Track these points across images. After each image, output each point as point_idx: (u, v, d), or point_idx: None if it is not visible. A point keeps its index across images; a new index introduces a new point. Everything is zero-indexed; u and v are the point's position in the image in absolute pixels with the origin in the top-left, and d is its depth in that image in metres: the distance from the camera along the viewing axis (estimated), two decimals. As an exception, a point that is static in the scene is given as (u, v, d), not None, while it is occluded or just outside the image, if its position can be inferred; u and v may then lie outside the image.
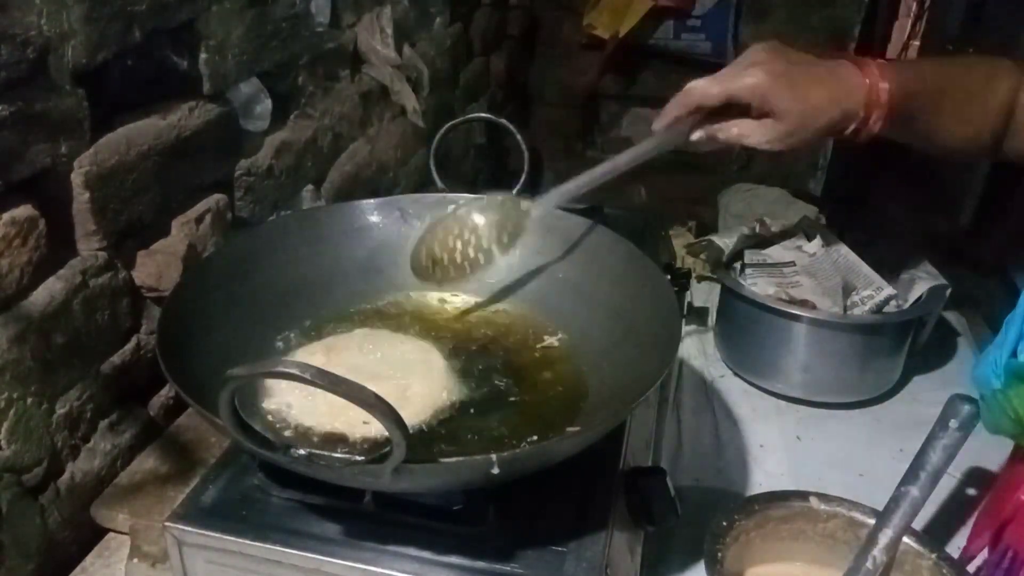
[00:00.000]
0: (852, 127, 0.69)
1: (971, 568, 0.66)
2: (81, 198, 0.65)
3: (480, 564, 0.55)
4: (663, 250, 1.09)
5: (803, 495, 0.66)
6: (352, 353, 0.67)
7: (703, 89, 0.69)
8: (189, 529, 0.56)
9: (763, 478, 0.84)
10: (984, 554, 0.66)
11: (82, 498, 0.68)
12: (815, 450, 0.89)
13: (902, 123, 0.70)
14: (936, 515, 0.78)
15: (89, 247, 0.67)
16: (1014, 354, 0.57)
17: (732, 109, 0.70)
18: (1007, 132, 0.72)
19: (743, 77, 0.68)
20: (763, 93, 0.67)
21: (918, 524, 0.64)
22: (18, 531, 0.62)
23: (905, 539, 0.62)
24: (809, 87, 0.67)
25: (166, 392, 0.79)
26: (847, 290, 0.91)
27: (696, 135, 0.70)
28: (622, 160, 0.72)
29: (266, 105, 0.88)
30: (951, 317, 1.10)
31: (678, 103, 0.71)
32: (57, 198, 0.64)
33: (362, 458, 0.48)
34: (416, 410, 0.62)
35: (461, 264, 0.72)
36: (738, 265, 0.97)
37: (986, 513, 0.68)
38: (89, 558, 0.67)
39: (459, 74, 1.55)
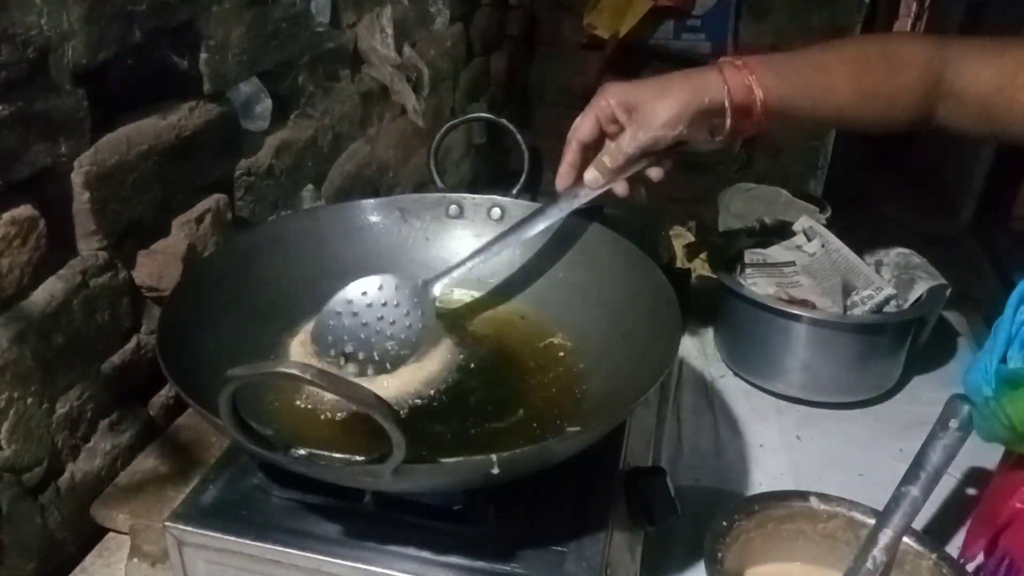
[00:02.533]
0: (728, 116, 0.70)
1: (971, 567, 0.66)
2: (81, 198, 0.65)
3: (480, 564, 0.55)
4: (663, 250, 1.09)
5: (803, 495, 0.66)
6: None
7: (575, 125, 0.73)
8: (189, 529, 0.56)
9: (763, 478, 0.84)
10: (979, 559, 0.65)
11: (82, 498, 0.68)
12: (815, 450, 0.89)
13: (792, 112, 0.72)
14: (936, 515, 0.78)
15: (89, 247, 0.67)
16: (1003, 360, 0.57)
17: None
18: (935, 109, 0.74)
19: (599, 98, 0.71)
20: (623, 97, 0.70)
21: (918, 524, 0.64)
22: (18, 531, 0.62)
23: (905, 539, 0.62)
24: (668, 84, 0.70)
25: (166, 392, 0.79)
26: (847, 290, 0.91)
27: (588, 177, 0.72)
28: (532, 229, 0.73)
29: (266, 105, 0.88)
30: (951, 317, 1.10)
31: (569, 151, 0.73)
32: (57, 198, 0.64)
33: (362, 458, 0.48)
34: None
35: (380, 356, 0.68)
36: (738, 265, 0.97)
37: (981, 519, 0.68)
38: (89, 558, 0.67)
39: (459, 74, 1.55)
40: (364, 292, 0.70)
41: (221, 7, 0.78)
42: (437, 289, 0.71)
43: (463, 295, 0.78)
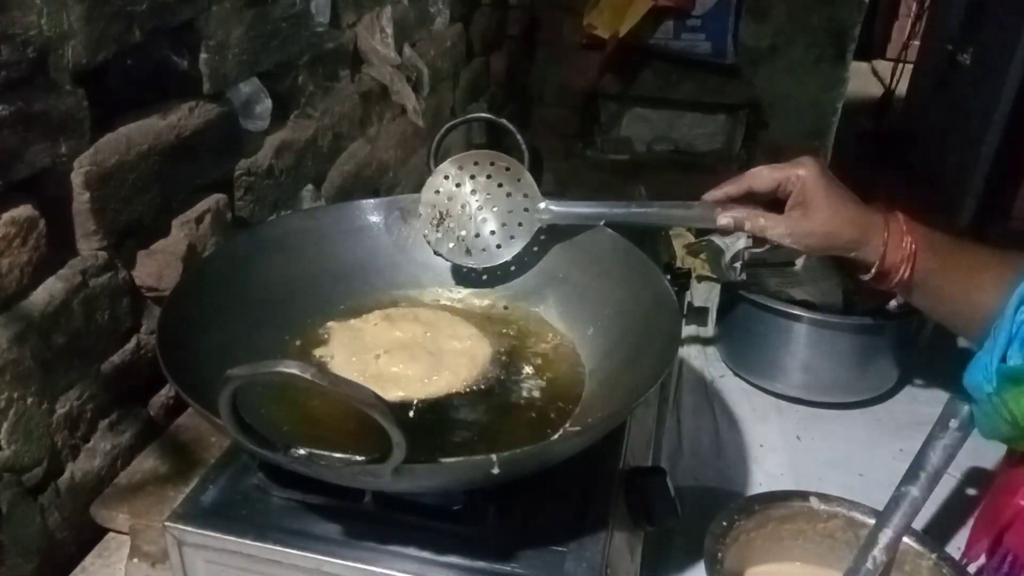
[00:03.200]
0: (874, 264, 0.69)
1: (973, 569, 0.66)
2: (81, 198, 0.65)
3: (480, 564, 0.55)
4: (663, 250, 1.09)
5: (803, 495, 0.66)
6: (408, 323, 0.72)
7: (758, 171, 0.72)
8: (189, 529, 0.56)
9: (763, 478, 0.84)
10: (982, 559, 0.65)
11: (82, 498, 0.68)
12: (815, 450, 0.89)
13: (917, 289, 0.71)
14: (936, 515, 0.78)
15: (89, 247, 0.67)
16: (1003, 359, 0.57)
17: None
18: None
19: (796, 167, 0.70)
20: (807, 183, 0.69)
21: (918, 524, 0.64)
22: (18, 531, 0.62)
23: (905, 539, 0.62)
24: (841, 200, 0.69)
25: (166, 392, 0.79)
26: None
27: (723, 220, 0.72)
28: (647, 211, 0.74)
29: (266, 105, 0.88)
30: (951, 317, 1.09)
31: (736, 182, 0.72)
32: (57, 198, 0.64)
33: (362, 458, 0.48)
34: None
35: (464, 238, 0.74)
36: (738, 265, 0.97)
37: (984, 518, 0.68)
38: (89, 558, 0.67)
39: (459, 74, 1.55)
40: (476, 162, 0.75)
41: (221, 7, 0.78)
42: (547, 206, 0.74)
43: (463, 295, 0.78)
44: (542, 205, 0.74)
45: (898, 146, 2.93)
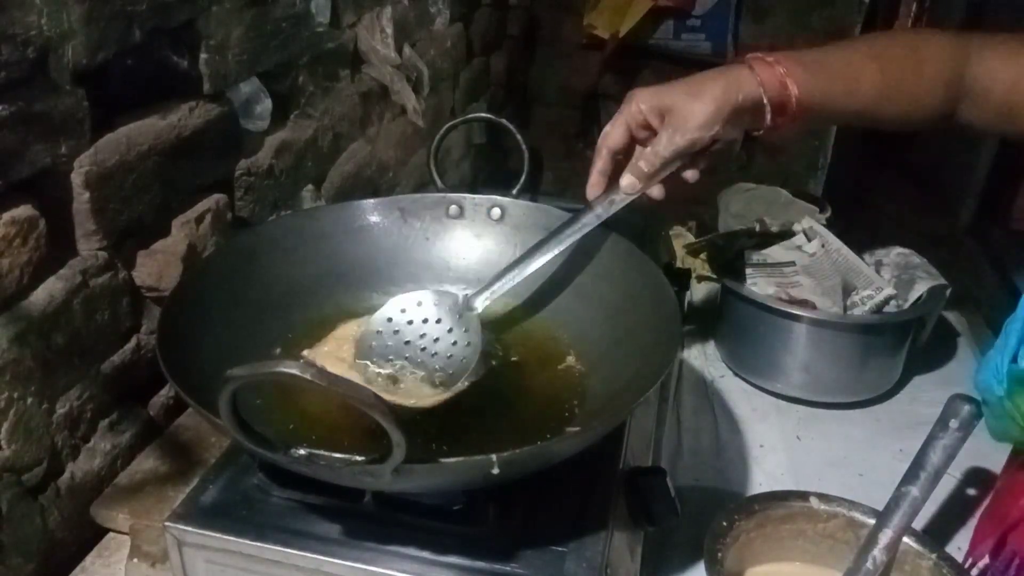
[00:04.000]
0: (766, 114, 0.70)
1: (974, 574, 0.66)
2: (81, 198, 0.65)
3: (480, 564, 0.55)
4: (663, 250, 1.09)
5: (803, 495, 0.66)
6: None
7: (605, 132, 0.72)
8: (189, 529, 0.56)
9: (763, 478, 0.84)
10: (986, 560, 0.65)
11: (82, 498, 0.68)
12: (815, 450, 0.89)
13: (823, 107, 0.71)
14: (936, 515, 0.78)
15: (89, 247, 0.67)
16: (1015, 359, 0.57)
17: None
18: (957, 107, 0.74)
19: (629, 102, 0.70)
20: (654, 101, 0.69)
21: (918, 524, 0.64)
22: (18, 531, 0.62)
23: (905, 539, 0.62)
24: (699, 84, 0.69)
25: (166, 392, 0.79)
26: (847, 290, 0.91)
27: (624, 183, 0.70)
28: (571, 238, 0.71)
29: (266, 105, 0.88)
30: (951, 317, 1.10)
31: (598, 159, 0.72)
32: (57, 198, 0.64)
33: (362, 458, 0.48)
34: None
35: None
36: (738, 265, 0.97)
37: (988, 519, 0.68)
38: (89, 558, 0.67)
39: (459, 74, 1.55)
40: (403, 310, 0.69)
41: (221, 7, 0.78)
42: (479, 303, 0.70)
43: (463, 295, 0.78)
44: (473, 309, 0.69)
45: (898, 146, 2.93)
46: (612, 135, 0.71)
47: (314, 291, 0.74)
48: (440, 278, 0.79)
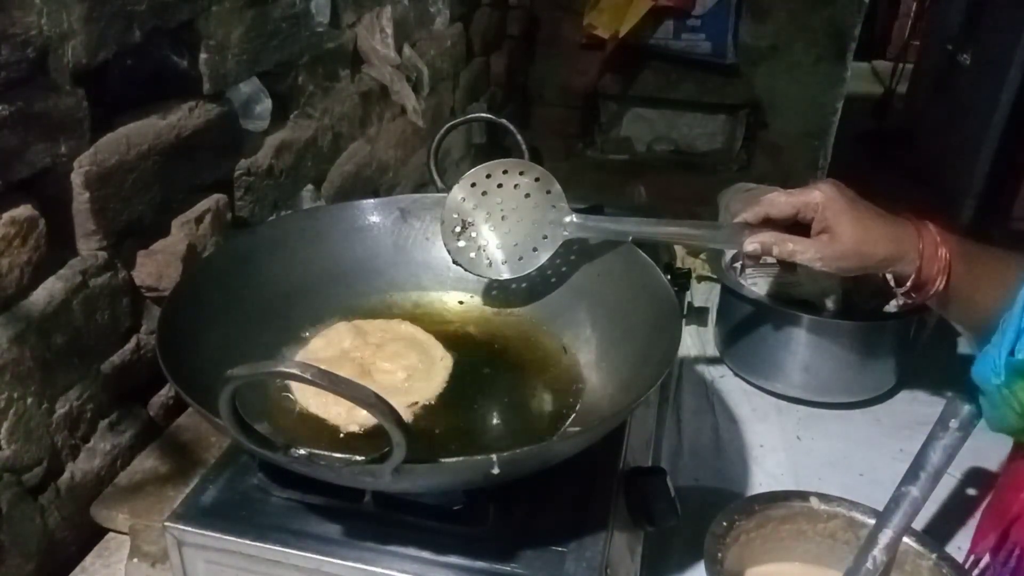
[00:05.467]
0: (910, 277, 0.68)
1: (976, 570, 0.66)
2: (81, 198, 0.65)
3: (480, 564, 0.55)
4: (663, 250, 1.09)
5: (803, 495, 0.66)
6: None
7: (774, 199, 0.71)
8: (189, 529, 0.56)
9: (763, 478, 0.84)
10: (987, 558, 0.65)
11: (82, 498, 0.68)
12: (815, 450, 0.89)
13: (952, 301, 0.69)
14: (936, 515, 0.78)
15: (89, 247, 0.67)
16: (1012, 353, 0.57)
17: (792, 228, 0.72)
18: None
19: (812, 192, 0.69)
20: (827, 207, 0.68)
21: (918, 524, 0.64)
22: (18, 531, 0.62)
23: (905, 539, 0.62)
24: (869, 217, 0.68)
25: (166, 392, 0.79)
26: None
27: (751, 246, 0.70)
28: (675, 230, 0.73)
29: (266, 105, 0.88)
30: (951, 317, 1.10)
31: (752, 211, 0.72)
32: (57, 198, 0.64)
33: (362, 458, 0.48)
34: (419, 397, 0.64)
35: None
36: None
37: (990, 513, 0.68)
38: (89, 558, 0.67)
39: (459, 74, 1.55)
40: (505, 171, 0.73)
41: (221, 7, 0.78)
42: (573, 220, 0.72)
43: (464, 297, 0.78)
44: (568, 219, 0.72)
45: (898, 146, 2.94)
46: (781, 209, 0.70)
47: (314, 291, 0.74)
48: (440, 278, 0.79)
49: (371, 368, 0.67)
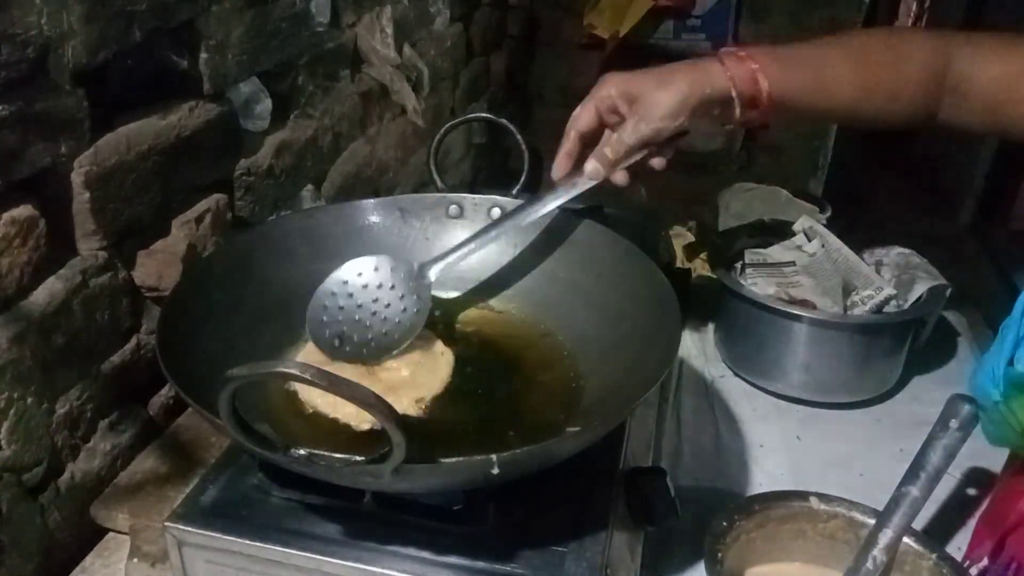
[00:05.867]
0: (735, 108, 0.70)
1: (976, 570, 0.66)
2: (81, 198, 0.65)
3: (480, 564, 0.55)
4: (663, 250, 1.09)
5: (803, 495, 0.66)
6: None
7: (575, 115, 0.73)
8: (189, 529, 0.56)
9: (763, 478, 0.84)
10: (984, 562, 0.65)
11: (82, 498, 0.68)
12: (815, 450, 0.89)
13: (796, 103, 0.71)
14: (936, 515, 0.78)
15: (89, 247, 0.67)
16: (1011, 362, 0.57)
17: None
18: (939, 106, 0.73)
19: (603, 86, 0.71)
20: (624, 87, 0.70)
21: (918, 524, 0.64)
22: (18, 531, 0.62)
23: (905, 539, 0.62)
24: (669, 75, 0.69)
25: (166, 392, 0.79)
26: (847, 290, 0.91)
27: (589, 167, 0.71)
28: (529, 217, 0.72)
29: (266, 105, 0.88)
30: (951, 317, 1.10)
31: (565, 141, 0.73)
32: (57, 198, 0.64)
33: (362, 458, 0.48)
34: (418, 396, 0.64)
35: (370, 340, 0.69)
36: (738, 265, 0.97)
37: (986, 521, 0.68)
38: (89, 558, 0.67)
39: (459, 74, 1.55)
40: (359, 273, 0.70)
41: (221, 7, 0.78)
42: (433, 273, 0.71)
43: (464, 297, 0.78)
44: (426, 278, 0.71)
45: (898, 146, 2.94)
46: (581, 117, 0.72)
47: (314, 291, 0.74)
48: (440, 278, 0.79)
49: (374, 366, 0.67)
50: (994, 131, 0.75)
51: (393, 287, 0.70)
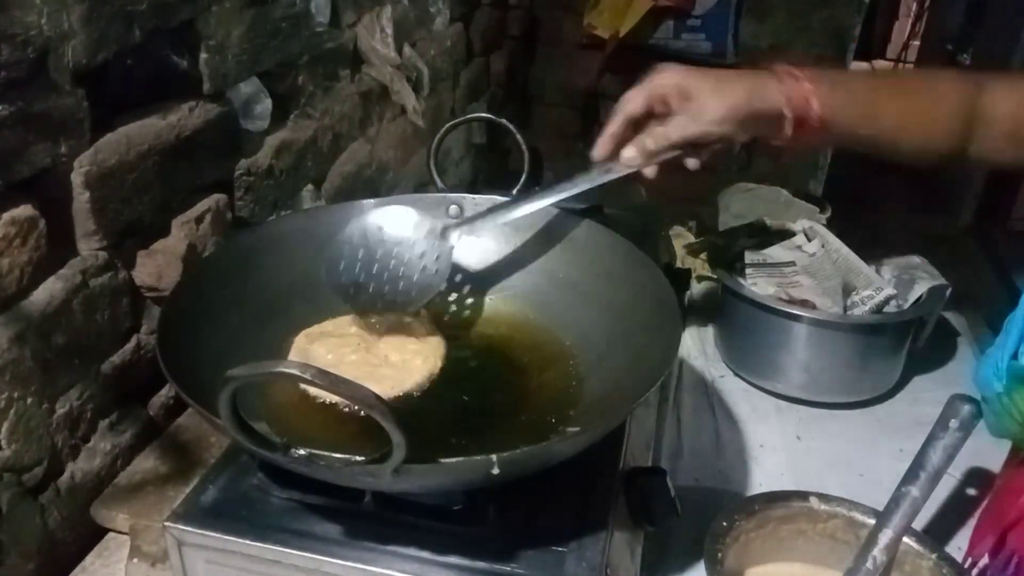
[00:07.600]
0: (785, 127, 0.70)
1: (975, 570, 0.66)
2: (81, 198, 0.65)
3: (480, 564, 0.55)
4: (663, 250, 1.09)
5: (803, 495, 0.66)
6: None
7: (626, 97, 0.72)
8: (189, 529, 0.56)
9: (763, 478, 0.84)
10: (985, 559, 0.65)
11: (82, 498, 0.68)
12: (815, 450, 0.89)
13: (842, 129, 0.72)
14: (936, 515, 0.78)
15: (89, 247, 0.67)
16: (1015, 356, 0.57)
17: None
18: (971, 139, 0.74)
19: (656, 74, 0.71)
20: (681, 82, 0.70)
21: (918, 524, 0.64)
22: (18, 531, 0.62)
23: (905, 539, 0.62)
24: (726, 80, 0.70)
25: (166, 392, 0.79)
26: (847, 290, 0.91)
27: (628, 153, 0.71)
28: (559, 195, 0.72)
29: (266, 105, 0.88)
30: (951, 317, 1.10)
31: (612, 122, 0.73)
32: (57, 198, 0.64)
33: (362, 458, 0.48)
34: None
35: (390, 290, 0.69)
36: (738, 265, 0.97)
37: (988, 517, 0.68)
38: (89, 558, 0.67)
39: (459, 74, 1.55)
40: (381, 225, 0.70)
41: (221, 7, 0.78)
42: (455, 237, 0.71)
43: (464, 296, 0.78)
44: (448, 239, 0.71)
45: (898, 146, 2.93)
46: (633, 101, 0.71)
47: (314, 291, 0.74)
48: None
49: (373, 347, 0.68)
50: (1017, 160, 0.75)
51: (414, 244, 0.70)
